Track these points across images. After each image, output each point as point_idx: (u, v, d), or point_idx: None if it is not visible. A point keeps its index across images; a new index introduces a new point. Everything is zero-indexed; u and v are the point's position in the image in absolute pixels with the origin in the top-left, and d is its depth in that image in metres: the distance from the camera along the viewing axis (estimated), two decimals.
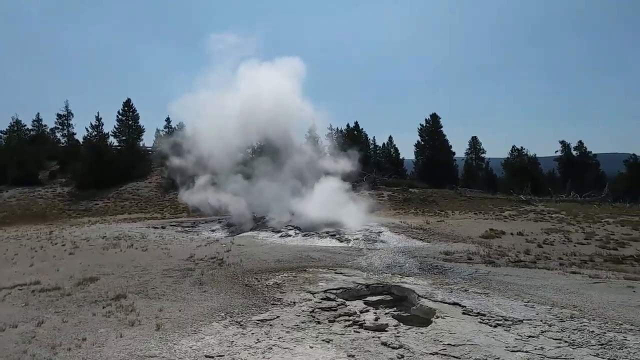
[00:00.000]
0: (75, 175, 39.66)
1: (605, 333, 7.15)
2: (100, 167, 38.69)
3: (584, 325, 7.52)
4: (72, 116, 51.56)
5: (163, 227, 21.06)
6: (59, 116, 51.19)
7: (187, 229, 21.40)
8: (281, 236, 18.04)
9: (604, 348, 6.55)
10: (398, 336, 7.15)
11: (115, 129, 48.48)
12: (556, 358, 6.22)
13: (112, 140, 47.58)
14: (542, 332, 7.24)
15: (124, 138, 48.23)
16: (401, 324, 8.07)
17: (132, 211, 31.53)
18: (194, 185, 26.88)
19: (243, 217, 22.40)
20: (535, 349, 6.55)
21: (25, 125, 52.15)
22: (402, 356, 6.31)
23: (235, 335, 7.10)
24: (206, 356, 6.27)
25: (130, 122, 49.02)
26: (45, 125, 53.75)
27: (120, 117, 48.64)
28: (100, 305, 8.58)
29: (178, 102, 33.53)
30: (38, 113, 54.55)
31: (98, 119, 45.86)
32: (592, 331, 7.23)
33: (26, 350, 6.38)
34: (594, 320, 7.81)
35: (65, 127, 51.71)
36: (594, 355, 6.29)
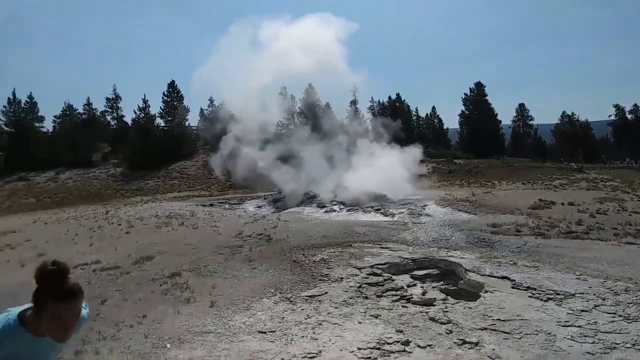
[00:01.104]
0: (125, 156, 41.24)
1: None
2: (148, 148, 40.04)
3: None
4: (121, 99, 53.32)
5: (211, 205, 21.69)
6: (108, 100, 53.02)
7: (234, 205, 21.95)
8: (326, 211, 18.22)
9: None
10: (446, 311, 7.18)
11: (161, 110, 49.89)
12: (610, 332, 6.11)
13: (159, 121, 49.13)
14: (595, 306, 7.10)
15: (169, 119, 49.59)
16: (449, 298, 8.09)
17: (181, 189, 32.58)
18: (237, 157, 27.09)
19: (291, 193, 22.69)
20: (589, 323, 6.44)
21: (77, 110, 54.29)
22: (451, 331, 6.36)
23: (285, 311, 7.34)
24: (259, 332, 6.53)
25: (175, 103, 50.24)
26: (95, 109, 55.70)
27: (165, 98, 49.93)
28: (157, 283, 9.03)
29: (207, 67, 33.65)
30: (88, 97, 56.57)
31: (145, 101, 47.38)
32: None
33: (92, 327, 6.81)
34: None
35: (114, 110, 53.55)
36: None
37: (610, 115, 49.61)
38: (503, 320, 6.67)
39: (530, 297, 7.69)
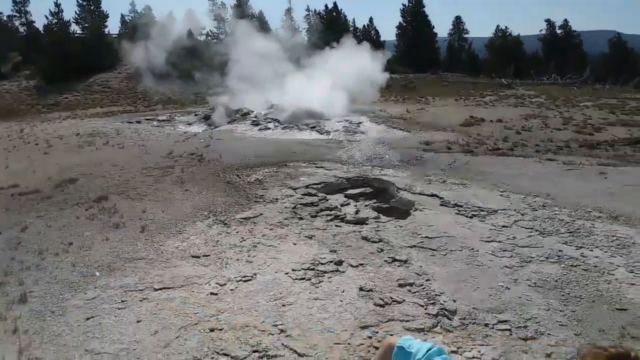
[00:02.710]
0: (39, 67, 37.65)
1: (574, 221, 7.50)
2: (65, 58, 36.61)
3: (555, 214, 7.86)
4: (29, 2, 47.62)
5: (138, 122, 20.56)
6: (15, 2, 47.18)
7: (162, 123, 20.91)
8: (260, 129, 17.84)
9: (573, 236, 6.91)
10: (378, 230, 7.39)
11: (76, 15, 45.31)
12: (527, 247, 6.57)
13: (75, 28, 44.65)
14: (515, 221, 7.57)
15: (86, 25, 45.21)
16: (381, 217, 8.32)
17: (104, 104, 30.54)
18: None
19: (224, 109, 21.82)
20: (508, 238, 6.88)
21: None
22: (382, 250, 6.58)
23: (219, 234, 7.26)
24: (192, 256, 6.46)
25: (92, 7, 45.72)
26: (0, 13, 49.73)
27: (80, 1, 45.21)
28: (82, 208, 8.58)
29: None
30: None
31: (57, 4, 42.50)
32: (562, 219, 7.58)
33: (14, 257, 6.46)
34: (564, 208, 8.15)
35: (22, 15, 47.94)
36: (563, 243, 6.65)
37: (541, 30, 50.66)
38: (430, 238, 6.98)
39: (457, 214, 8.07)
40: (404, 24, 51.39)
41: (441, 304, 5.11)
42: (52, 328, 4.75)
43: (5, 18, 48.75)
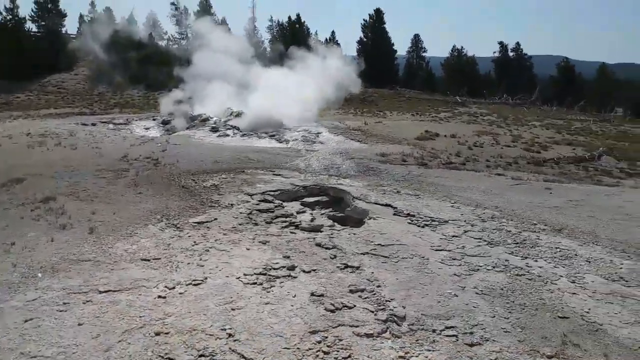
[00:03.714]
0: None
1: (520, 232, 7.83)
2: (18, 57, 35.24)
3: (503, 225, 8.17)
4: None
5: (93, 124, 19.94)
6: None
7: (119, 126, 20.36)
8: (219, 136, 17.67)
9: (519, 246, 7.21)
10: (332, 237, 7.47)
11: (32, 13, 43.68)
12: (475, 256, 6.79)
13: (30, 26, 43.00)
14: (465, 232, 7.82)
15: (43, 23, 43.65)
16: (336, 225, 8.42)
17: (58, 106, 29.46)
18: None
19: (182, 114, 21.53)
20: (457, 247, 7.10)
21: None
22: (335, 256, 6.65)
23: (171, 238, 7.15)
24: (142, 259, 6.32)
25: (49, 6, 44.20)
26: None
27: None
28: (28, 208, 8.23)
29: None
30: None
31: (12, 0, 40.87)
32: (510, 231, 7.89)
33: None
34: (512, 220, 8.50)
35: None
36: (509, 254, 6.92)
37: (494, 52, 52.75)
38: (383, 245, 7.11)
39: (409, 223, 8.25)
40: (365, 39, 52.25)
41: (391, 310, 5.21)
42: None
43: None
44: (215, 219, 8.08)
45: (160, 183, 10.29)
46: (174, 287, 5.51)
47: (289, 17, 52.63)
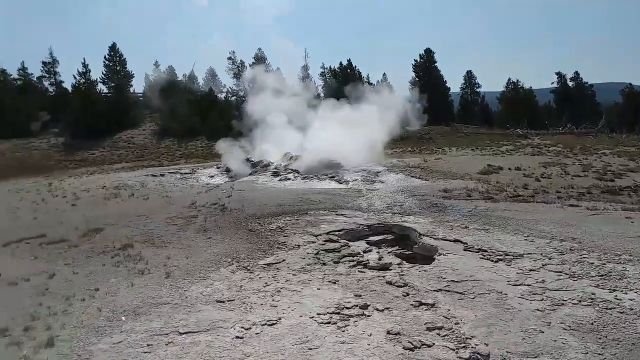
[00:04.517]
0: (67, 125, 39.13)
1: (605, 264, 7.34)
2: (92, 116, 38.10)
3: (584, 258, 7.71)
4: (58, 64, 49.72)
5: (162, 175, 21.01)
6: (45, 64, 49.49)
7: (186, 176, 21.35)
8: (280, 180, 18.07)
9: (605, 279, 6.75)
10: (402, 275, 7.33)
11: (103, 75, 47.40)
12: (558, 290, 6.42)
13: (102, 88, 46.62)
14: (543, 265, 7.44)
15: (113, 85, 47.19)
16: (404, 263, 8.27)
17: (129, 160, 31.42)
18: None
19: (245, 162, 22.32)
20: (537, 282, 6.75)
21: (11, 75, 50.56)
22: (408, 294, 6.49)
23: (243, 280, 7.27)
24: (217, 301, 6.44)
25: (118, 68, 47.84)
26: (31, 74, 52.12)
27: (107, 62, 47.41)
28: (108, 256, 8.71)
29: None
30: (23, 62, 52.25)
31: (85, 65, 44.47)
32: (592, 263, 7.42)
33: (41, 302, 6.52)
34: (593, 252, 8.00)
35: (52, 76, 50.20)
36: (595, 287, 6.49)
37: (552, 83, 51.27)
38: (457, 282, 6.88)
39: (482, 258, 7.96)
40: (417, 79, 52.49)
41: (473, 348, 4.98)
42: None
43: (35, 79, 51.10)
44: (284, 260, 8.16)
45: (229, 228, 10.58)
46: (250, 328, 5.55)
47: (340, 63, 53.93)
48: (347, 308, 6.03)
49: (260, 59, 52.21)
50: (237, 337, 5.34)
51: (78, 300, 6.63)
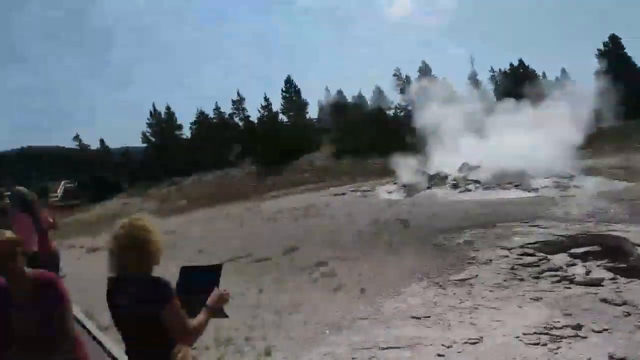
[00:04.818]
0: (257, 154, 43.94)
1: None
2: (277, 145, 42.15)
3: None
4: (245, 100, 56.63)
5: (343, 194, 22.07)
6: (234, 102, 56.62)
7: (365, 193, 22.09)
8: (460, 191, 17.56)
9: None
10: (619, 291, 6.50)
11: (282, 106, 52.23)
12: None
13: (282, 117, 51.52)
14: None
15: (291, 114, 51.74)
16: (619, 277, 7.32)
17: (312, 181, 33.80)
18: None
19: (421, 175, 22.22)
20: None
21: (208, 115, 58.69)
22: (629, 313, 5.74)
23: (436, 296, 7.22)
24: (412, 317, 6.50)
25: (294, 98, 52.23)
26: (224, 112, 59.79)
27: (284, 94, 52.14)
28: (305, 272, 9.43)
29: None
30: (216, 102, 60.62)
31: (266, 99, 49.80)
32: None
33: (256, 315, 7.34)
34: None
35: (240, 111, 57.03)
36: None
37: None
38: None
39: None
40: (603, 69, 46.24)
41: None
42: None
43: (227, 116, 58.49)
44: (476, 275, 7.88)
45: (413, 242, 10.61)
46: (450, 346, 5.47)
47: (510, 64, 50.61)
48: (557, 328, 5.56)
49: (424, 71, 51.87)
50: (439, 355, 5.31)
51: (286, 313, 7.30)
